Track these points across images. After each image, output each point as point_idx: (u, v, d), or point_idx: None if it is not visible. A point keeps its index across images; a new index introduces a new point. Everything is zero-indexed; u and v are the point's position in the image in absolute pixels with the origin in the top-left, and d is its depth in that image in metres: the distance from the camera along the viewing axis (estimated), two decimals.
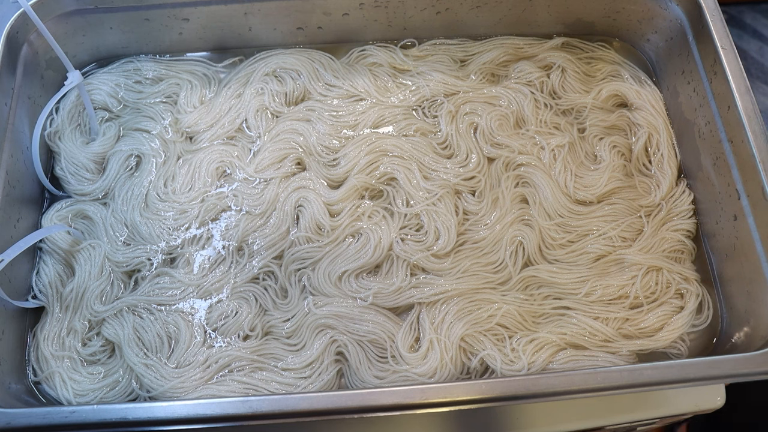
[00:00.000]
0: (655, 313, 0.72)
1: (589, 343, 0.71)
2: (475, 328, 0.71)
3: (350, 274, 0.74)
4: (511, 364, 0.69)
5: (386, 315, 0.72)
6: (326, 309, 0.72)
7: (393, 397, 0.58)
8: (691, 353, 0.71)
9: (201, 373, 0.69)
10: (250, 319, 0.72)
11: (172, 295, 0.73)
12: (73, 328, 0.71)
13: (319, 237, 0.75)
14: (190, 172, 0.79)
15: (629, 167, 0.80)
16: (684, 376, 0.59)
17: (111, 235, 0.76)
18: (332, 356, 0.70)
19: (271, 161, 0.79)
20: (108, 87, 0.84)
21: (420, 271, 0.75)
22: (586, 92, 0.85)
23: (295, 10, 0.83)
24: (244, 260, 0.75)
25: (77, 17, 0.80)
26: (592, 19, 0.87)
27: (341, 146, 0.80)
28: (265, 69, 0.85)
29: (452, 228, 0.76)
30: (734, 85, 0.71)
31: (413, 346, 0.71)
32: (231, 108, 0.83)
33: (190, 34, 0.85)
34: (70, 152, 0.80)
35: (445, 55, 0.87)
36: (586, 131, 0.82)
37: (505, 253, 0.75)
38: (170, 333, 0.71)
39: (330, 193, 0.77)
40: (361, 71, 0.85)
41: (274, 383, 0.69)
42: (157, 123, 0.82)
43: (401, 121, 0.82)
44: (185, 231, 0.76)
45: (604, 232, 0.76)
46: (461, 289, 0.73)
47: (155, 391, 0.68)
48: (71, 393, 0.69)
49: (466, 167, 0.79)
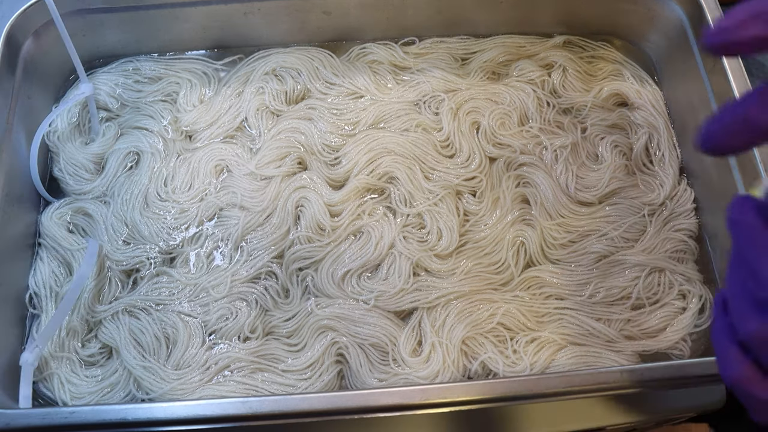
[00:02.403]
0: (657, 314, 0.72)
1: (591, 344, 0.71)
2: (476, 330, 0.71)
3: (352, 274, 0.74)
4: (513, 365, 0.69)
5: (389, 318, 0.72)
6: (328, 310, 0.72)
7: (393, 398, 0.58)
8: (692, 353, 0.71)
9: (201, 374, 0.69)
10: (250, 321, 0.71)
11: (171, 295, 0.73)
12: (73, 328, 0.71)
13: (320, 237, 0.75)
14: (189, 171, 0.79)
15: (631, 166, 0.80)
16: (684, 376, 0.59)
17: (111, 233, 0.76)
18: (333, 357, 0.70)
19: (271, 159, 0.79)
20: (108, 87, 0.83)
21: (422, 271, 0.74)
22: (586, 91, 0.84)
23: (295, 9, 0.83)
24: (243, 259, 0.74)
25: (77, 17, 0.80)
26: (593, 18, 0.87)
27: (342, 144, 0.80)
28: (264, 68, 0.85)
29: (455, 229, 0.75)
30: (735, 85, 0.71)
31: (416, 350, 0.71)
32: (231, 107, 0.83)
33: (189, 33, 0.85)
34: (70, 153, 0.80)
35: (446, 53, 0.87)
36: (588, 131, 0.82)
37: (507, 254, 0.75)
38: (168, 334, 0.71)
39: (331, 194, 0.77)
40: (361, 69, 0.85)
41: (274, 384, 0.69)
42: (156, 122, 0.82)
43: (402, 116, 0.82)
44: (185, 230, 0.76)
45: (606, 233, 0.76)
46: (463, 291, 0.72)
47: (154, 394, 0.68)
48: (68, 395, 0.68)
49: (468, 168, 0.79)
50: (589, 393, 0.59)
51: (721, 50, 0.32)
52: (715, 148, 0.33)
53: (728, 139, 0.33)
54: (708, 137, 0.33)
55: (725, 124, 0.33)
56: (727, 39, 0.31)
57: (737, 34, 0.31)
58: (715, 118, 0.33)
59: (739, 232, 0.33)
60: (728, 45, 0.31)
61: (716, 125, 0.33)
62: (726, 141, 0.33)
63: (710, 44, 0.32)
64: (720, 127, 0.33)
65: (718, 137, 0.33)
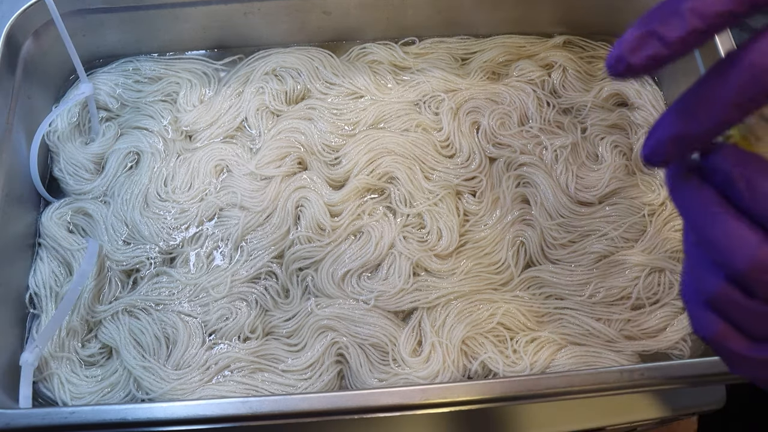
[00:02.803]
0: (657, 314, 0.72)
1: (591, 344, 0.71)
2: (476, 330, 0.71)
3: (352, 274, 0.74)
4: (513, 365, 0.69)
5: (389, 318, 0.72)
6: (328, 310, 0.72)
7: (393, 398, 0.58)
8: (692, 353, 0.71)
9: (201, 374, 0.69)
10: (250, 321, 0.71)
11: (171, 295, 0.73)
12: (73, 328, 0.71)
13: (320, 237, 0.75)
14: (189, 171, 0.79)
15: (631, 166, 0.80)
16: (684, 376, 0.59)
17: (111, 233, 0.76)
18: (333, 357, 0.70)
19: (271, 159, 0.79)
20: (107, 87, 0.83)
21: (422, 271, 0.74)
22: (586, 91, 0.84)
23: (295, 9, 0.83)
24: (243, 259, 0.74)
25: (77, 17, 0.80)
26: (593, 18, 0.87)
27: (342, 144, 0.80)
28: (264, 68, 0.85)
29: (455, 229, 0.75)
30: None
31: (416, 350, 0.71)
32: (231, 107, 0.83)
33: (189, 33, 0.85)
34: (70, 153, 0.80)
35: (446, 53, 0.87)
36: (588, 131, 0.82)
37: (507, 254, 0.75)
38: (168, 334, 0.71)
39: (331, 194, 0.77)
40: (360, 69, 0.85)
41: (274, 384, 0.69)
42: (156, 122, 0.82)
43: (402, 116, 0.82)
44: (185, 230, 0.76)
45: (606, 233, 0.76)
46: (463, 291, 0.72)
47: (154, 394, 0.68)
48: (68, 395, 0.68)
49: (468, 168, 0.79)
50: (589, 393, 0.59)
51: (625, 75, 0.31)
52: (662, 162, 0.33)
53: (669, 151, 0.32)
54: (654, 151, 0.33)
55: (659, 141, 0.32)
56: (624, 65, 0.30)
57: (632, 59, 0.30)
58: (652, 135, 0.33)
59: (677, 196, 0.33)
60: (627, 71, 0.31)
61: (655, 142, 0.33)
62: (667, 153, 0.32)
63: (614, 74, 0.31)
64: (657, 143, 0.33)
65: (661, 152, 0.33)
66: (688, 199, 0.32)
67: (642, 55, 0.30)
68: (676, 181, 0.33)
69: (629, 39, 0.30)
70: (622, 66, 0.30)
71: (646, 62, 0.30)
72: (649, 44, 0.30)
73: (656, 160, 0.32)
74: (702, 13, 0.28)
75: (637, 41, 0.30)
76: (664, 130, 0.31)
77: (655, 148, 0.32)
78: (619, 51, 0.30)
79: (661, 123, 0.32)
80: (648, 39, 0.30)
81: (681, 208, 0.33)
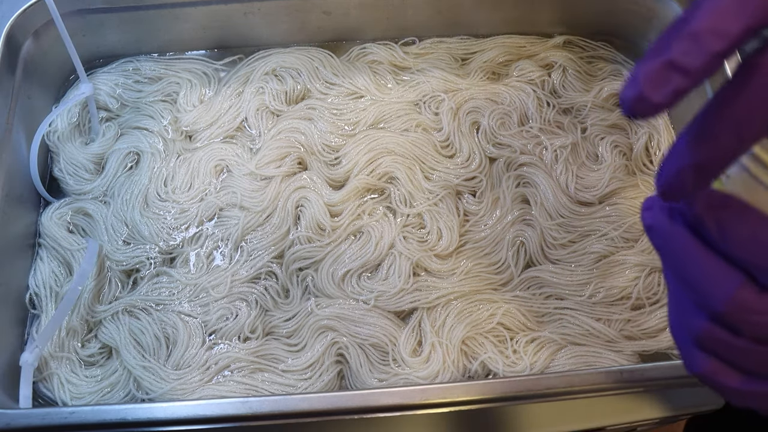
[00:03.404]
0: (657, 314, 0.72)
1: (591, 344, 0.71)
2: (476, 330, 0.71)
3: (352, 274, 0.74)
4: (513, 365, 0.69)
5: (389, 318, 0.72)
6: (328, 310, 0.72)
7: (393, 398, 0.58)
8: None
9: (201, 374, 0.69)
10: (250, 321, 0.71)
11: (171, 295, 0.73)
12: (73, 328, 0.71)
13: (320, 237, 0.75)
14: (189, 171, 0.79)
15: (631, 166, 0.80)
16: (684, 375, 0.59)
17: (111, 233, 0.76)
18: (333, 357, 0.70)
19: (271, 159, 0.79)
20: (108, 87, 0.83)
21: (422, 272, 0.74)
22: (586, 91, 0.84)
23: (295, 9, 0.83)
24: (243, 259, 0.74)
25: (77, 17, 0.80)
26: (593, 18, 0.87)
27: (342, 144, 0.80)
28: (264, 68, 0.85)
29: (455, 229, 0.75)
30: None
31: (416, 350, 0.71)
32: (231, 107, 0.83)
33: (189, 33, 0.85)
34: (70, 153, 0.80)
35: (446, 53, 0.87)
36: (588, 131, 0.82)
37: (507, 254, 0.75)
38: (168, 334, 0.71)
39: (331, 194, 0.77)
40: (360, 69, 0.85)
41: (274, 384, 0.69)
42: (156, 122, 0.82)
43: (402, 116, 0.82)
44: (185, 230, 0.76)
45: (606, 233, 0.76)
46: (463, 291, 0.72)
47: (154, 394, 0.68)
48: (68, 395, 0.68)
49: (468, 168, 0.79)
50: (589, 393, 0.59)
51: (648, 115, 0.27)
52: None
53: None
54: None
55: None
56: (648, 105, 0.27)
57: (655, 98, 0.26)
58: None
59: (654, 236, 0.32)
60: (652, 110, 0.27)
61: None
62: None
63: (635, 115, 0.27)
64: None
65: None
66: (665, 240, 0.31)
67: (665, 92, 0.26)
68: (652, 221, 0.32)
69: (647, 74, 0.26)
70: (646, 106, 0.27)
71: (672, 98, 0.26)
72: (671, 78, 0.26)
73: (675, 192, 0.29)
74: (724, 33, 0.25)
75: (657, 75, 0.26)
76: (681, 158, 0.28)
77: (674, 179, 0.29)
78: (637, 90, 0.27)
79: (675, 151, 0.29)
80: (668, 72, 0.26)
81: (658, 249, 0.32)
